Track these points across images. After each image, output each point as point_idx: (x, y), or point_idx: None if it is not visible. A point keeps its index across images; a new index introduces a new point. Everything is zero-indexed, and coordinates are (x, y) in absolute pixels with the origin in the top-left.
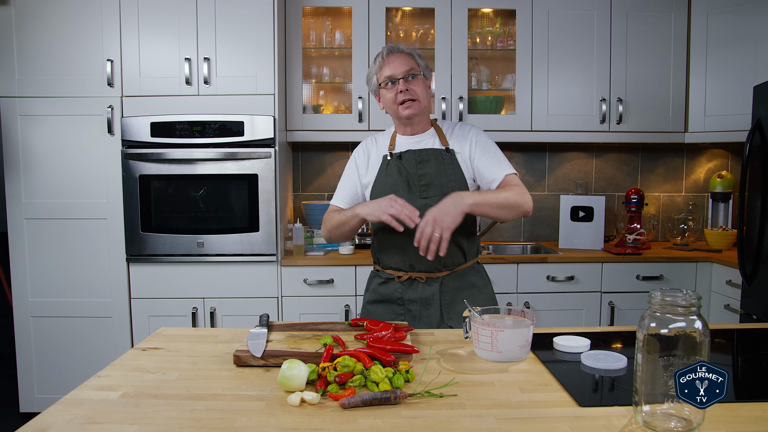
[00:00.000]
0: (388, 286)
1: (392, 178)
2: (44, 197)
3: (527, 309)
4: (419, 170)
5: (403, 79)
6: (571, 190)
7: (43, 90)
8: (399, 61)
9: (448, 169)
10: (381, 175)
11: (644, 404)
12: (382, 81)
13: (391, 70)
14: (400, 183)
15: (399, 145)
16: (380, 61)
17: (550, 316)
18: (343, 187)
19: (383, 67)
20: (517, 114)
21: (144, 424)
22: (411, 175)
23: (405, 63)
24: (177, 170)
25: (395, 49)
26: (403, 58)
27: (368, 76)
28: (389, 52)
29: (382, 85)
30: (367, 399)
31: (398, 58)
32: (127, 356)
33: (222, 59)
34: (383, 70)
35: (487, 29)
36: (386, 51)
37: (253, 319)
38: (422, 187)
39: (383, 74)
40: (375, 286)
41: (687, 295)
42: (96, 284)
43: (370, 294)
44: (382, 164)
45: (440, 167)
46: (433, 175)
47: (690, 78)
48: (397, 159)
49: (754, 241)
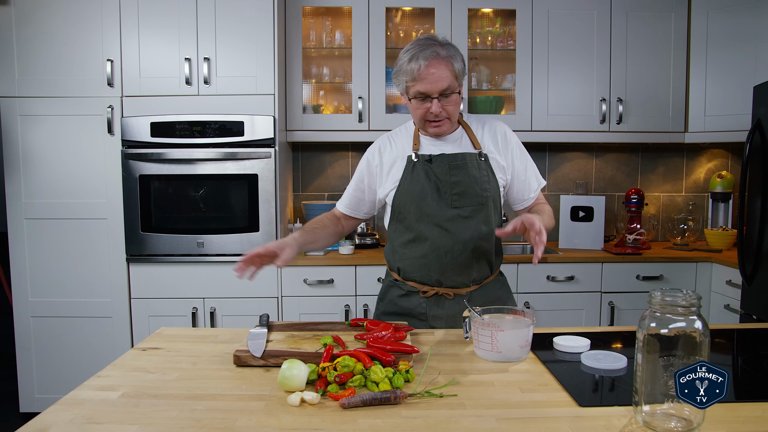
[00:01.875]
0: (410, 299)
1: (419, 184)
2: (44, 197)
3: (527, 309)
4: (452, 177)
5: (438, 99)
6: (571, 190)
7: (43, 90)
8: (437, 75)
9: (483, 176)
10: (406, 178)
11: (644, 404)
12: (413, 95)
13: (426, 86)
14: (429, 189)
15: (424, 146)
16: (416, 68)
17: (550, 316)
18: (348, 192)
19: (417, 81)
20: (517, 114)
21: (144, 424)
22: (442, 181)
23: (443, 78)
24: (177, 170)
25: (435, 54)
26: (442, 69)
27: (396, 70)
28: (428, 60)
29: (410, 96)
30: (367, 399)
31: (437, 69)
32: (127, 356)
33: (222, 59)
34: (417, 83)
35: (487, 29)
36: (423, 59)
37: (253, 319)
38: (454, 195)
39: (416, 88)
40: (394, 297)
41: (687, 295)
42: (96, 284)
43: (386, 305)
44: (407, 166)
45: (475, 174)
46: (467, 183)
47: (690, 78)
48: (426, 162)
49: (754, 241)
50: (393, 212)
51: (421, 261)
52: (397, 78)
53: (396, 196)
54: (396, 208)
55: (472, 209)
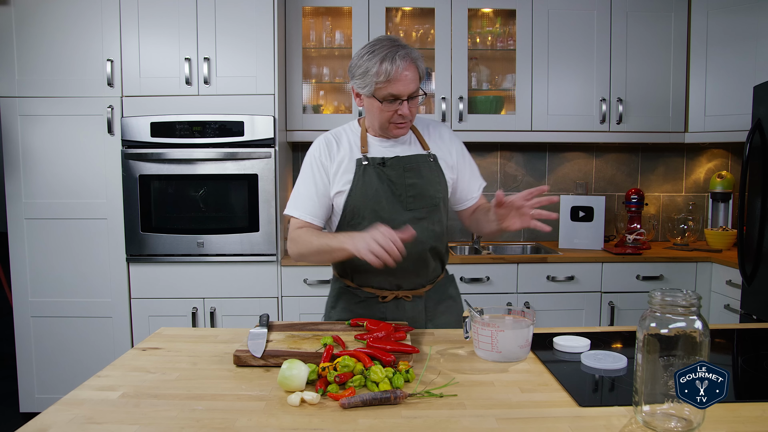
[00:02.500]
0: (368, 305)
1: (372, 187)
2: (44, 197)
3: (527, 309)
4: (407, 179)
5: (407, 101)
6: (571, 190)
7: (43, 90)
8: (410, 77)
9: (434, 178)
10: (358, 182)
11: (644, 404)
12: (383, 97)
13: (399, 88)
14: (383, 192)
15: (373, 148)
16: (392, 70)
17: (550, 316)
18: (308, 196)
19: (392, 82)
20: (517, 114)
21: (144, 424)
22: (396, 184)
23: (414, 80)
24: (177, 170)
25: (407, 56)
26: (413, 71)
27: (361, 70)
28: (404, 62)
29: (378, 97)
30: (367, 399)
31: (410, 71)
32: (127, 356)
33: (222, 59)
34: (390, 85)
35: (487, 29)
36: (401, 60)
37: (253, 319)
38: (409, 198)
39: (388, 90)
40: (349, 304)
41: (687, 295)
42: (96, 284)
43: (341, 312)
44: (358, 169)
45: (428, 176)
46: (421, 185)
47: (690, 78)
48: (379, 165)
49: (754, 241)
50: (345, 217)
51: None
52: (363, 79)
53: (348, 201)
54: (349, 212)
55: (426, 210)
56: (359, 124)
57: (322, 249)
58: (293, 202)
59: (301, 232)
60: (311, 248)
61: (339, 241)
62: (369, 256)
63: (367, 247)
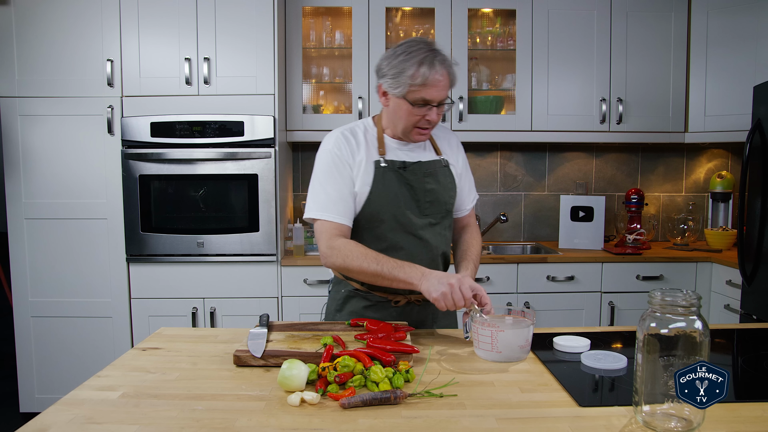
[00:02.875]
0: (378, 309)
1: (393, 191)
2: (44, 197)
3: (527, 309)
4: (426, 184)
5: (436, 106)
6: (571, 190)
7: (43, 90)
8: (443, 84)
9: (449, 184)
10: (378, 185)
11: (644, 404)
12: (414, 100)
13: (433, 93)
14: (402, 195)
15: (391, 150)
16: (429, 74)
17: (550, 316)
18: (339, 197)
19: (426, 87)
20: (517, 114)
21: (144, 424)
22: (416, 189)
23: (446, 87)
24: (177, 170)
25: (443, 62)
26: (447, 78)
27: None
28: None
29: (410, 100)
30: (367, 399)
31: (444, 78)
32: (127, 356)
33: (222, 59)
34: (425, 89)
35: (487, 29)
36: (440, 65)
37: (253, 319)
38: (427, 203)
39: (421, 94)
40: (357, 308)
41: (687, 295)
42: (96, 284)
43: (349, 315)
44: (377, 172)
45: (443, 182)
46: (438, 191)
47: (690, 78)
48: (400, 169)
49: (754, 241)
50: (360, 220)
51: None
52: (396, 79)
53: (368, 204)
54: (367, 215)
55: (440, 216)
56: (374, 123)
57: (383, 275)
58: (322, 204)
59: (348, 245)
60: (367, 269)
61: (406, 275)
62: (440, 304)
63: (441, 297)
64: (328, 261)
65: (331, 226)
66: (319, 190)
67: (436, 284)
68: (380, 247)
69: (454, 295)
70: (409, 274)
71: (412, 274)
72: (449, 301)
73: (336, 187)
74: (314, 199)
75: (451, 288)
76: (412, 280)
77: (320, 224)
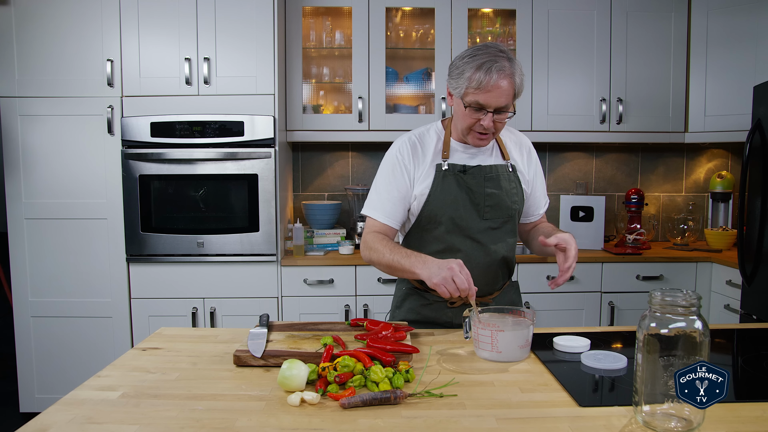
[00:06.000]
0: (434, 308)
1: (451, 194)
2: (44, 197)
3: (527, 309)
4: (486, 188)
5: (492, 113)
6: (571, 190)
7: (43, 90)
8: (501, 91)
9: (512, 189)
10: (437, 188)
11: (644, 404)
12: (469, 103)
13: (487, 99)
14: (461, 199)
15: (455, 154)
16: (484, 79)
17: (550, 316)
18: (388, 198)
19: (481, 91)
20: (517, 114)
21: (144, 424)
22: (475, 193)
23: (505, 94)
24: (177, 170)
25: (503, 69)
26: (507, 85)
27: (458, 71)
28: (499, 74)
29: (465, 102)
30: (367, 399)
31: (503, 84)
32: (127, 356)
33: (222, 59)
34: (479, 94)
35: (487, 29)
36: (497, 72)
37: (253, 319)
38: (487, 207)
39: (475, 98)
40: (415, 306)
41: (687, 295)
42: (96, 284)
43: (407, 313)
44: (437, 175)
45: (506, 187)
46: (499, 196)
47: (690, 78)
48: (459, 173)
49: (754, 241)
50: (420, 222)
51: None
52: (456, 80)
53: (426, 206)
54: (425, 217)
55: (501, 221)
56: (443, 126)
57: (393, 265)
58: (372, 202)
59: (376, 238)
60: (382, 260)
61: (410, 263)
62: (441, 289)
63: (441, 281)
64: (362, 255)
65: (374, 223)
66: (373, 189)
67: (437, 270)
68: (438, 248)
69: (455, 278)
70: (412, 262)
71: (415, 262)
72: (451, 285)
73: (388, 188)
74: (369, 197)
75: (452, 272)
76: (413, 268)
77: (367, 220)
